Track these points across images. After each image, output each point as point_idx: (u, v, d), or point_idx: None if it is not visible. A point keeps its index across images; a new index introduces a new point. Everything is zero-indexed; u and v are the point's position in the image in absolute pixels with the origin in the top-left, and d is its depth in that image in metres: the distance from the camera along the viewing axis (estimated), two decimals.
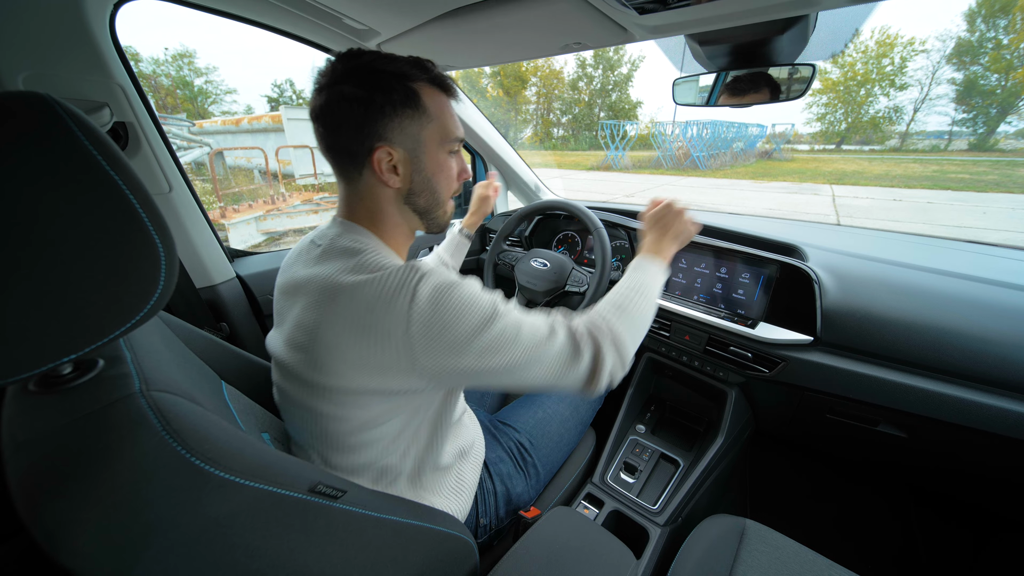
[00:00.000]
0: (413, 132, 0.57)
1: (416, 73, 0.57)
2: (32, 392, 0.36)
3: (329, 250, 0.58)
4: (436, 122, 0.59)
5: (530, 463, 0.88)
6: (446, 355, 0.50)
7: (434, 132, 0.59)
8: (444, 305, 0.50)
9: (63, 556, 0.29)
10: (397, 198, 0.61)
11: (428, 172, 0.60)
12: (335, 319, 0.50)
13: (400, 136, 0.57)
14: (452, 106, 0.62)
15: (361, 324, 0.49)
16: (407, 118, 0.56)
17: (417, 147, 0.58)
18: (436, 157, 0.61)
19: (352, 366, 0.50)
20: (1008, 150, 30.50)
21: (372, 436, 0.57)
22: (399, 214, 0.63)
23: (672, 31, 0.81)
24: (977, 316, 0.80)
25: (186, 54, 31.45)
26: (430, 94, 0.58)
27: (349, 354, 0.50)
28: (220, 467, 0.34)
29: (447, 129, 0.60)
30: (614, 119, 28.98)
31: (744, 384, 1.11)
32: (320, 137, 0.58)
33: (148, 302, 0.35)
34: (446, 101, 0.61)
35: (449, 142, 0.61)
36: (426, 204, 0.63)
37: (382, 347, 0.49)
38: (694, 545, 0.73)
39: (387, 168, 0.57)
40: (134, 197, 0.33)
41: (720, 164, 18.71)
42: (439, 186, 0.63)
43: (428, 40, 0.96)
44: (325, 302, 0.51)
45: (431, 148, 0.60)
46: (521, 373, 0.54)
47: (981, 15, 32.34)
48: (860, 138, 36.04)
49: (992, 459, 0.82)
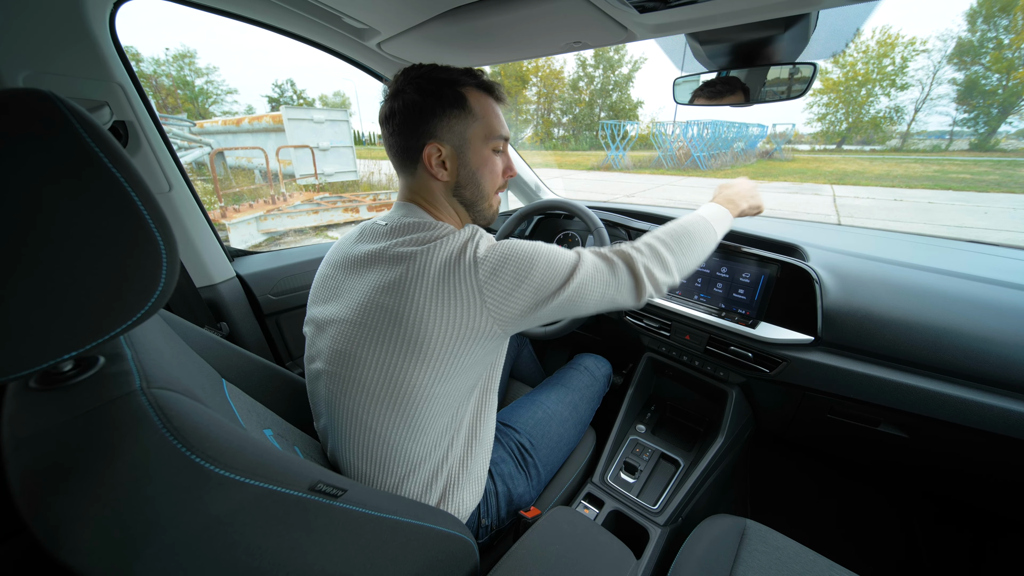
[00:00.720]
0: (460, 130, 0.64)
1: (465, 79, 0.64)
2: (33, 389, 0.35)
3: (397, 227, 0.65)
4: (481, 121, 0.65)
5: (531, 463, 0.88)
6: (506, 296, 0.58)
7: (479, 130, 0.65)
8: (500, 252, 0.59)
9: (63, 553, 0.29)
10: (446, 191, 0.68)
11: (473, 166, 0.66)
12: (417, 279, 0.57)
13: (448, 134, 0.63)
14: (497, 108, 0.68)
15: (438, 280, 0.57)
16: (455, 118, 0.63)
17: (463, 144, 0.65)
18: (481, 153, 0.66)
19: (434, 319, 0.56)
20: (1009, 150, 30.47)
21: (436, 408, 0.61)
22: (450, 206, 0.70)
23: (673, 30, 0.80)
24: (979, 316, 0.80)
25: (187, 54, 31.52)
26: (476, 97, 0.64)
27: (431, 309, 0.56)
28: (221, 465, 0.34)
29: (491, 127, 0.66)
30: (615, 119, 28.97)
31: (745, 384, 1.11)
32: (385, 139, 0.67)
33: (149, 300, 0.35)
34: (492, 103, 0.67)
35: (493, 139, 0.67)
36: (472, 196, 0.69)
37: (456, 296, 0.56)
38: (694, 545, 0.73)
39: (436, 163, 0.65)
40: (136, 194, 0.33)
41: (721, 164, 18.69)
42: (483, 180, 0.68)
43: (428, 39, 0.96)
44: (405, 264, 0.59)
45: (476, 145, 0.66)
46: (577, 302, 0.62)
47: (982, 15, 32.31)
48: (861, 138, 36.01)
49: (993, 459, 0.82)
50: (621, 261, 0.67)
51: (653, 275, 0.68)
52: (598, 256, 0.67)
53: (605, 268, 0.65)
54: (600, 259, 0.66)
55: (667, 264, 0.70)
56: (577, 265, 0.63)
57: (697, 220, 0.78)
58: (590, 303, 0.64)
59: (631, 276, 0.66)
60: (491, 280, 0.57)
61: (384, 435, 0.61)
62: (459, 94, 0.63)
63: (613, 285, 0.65)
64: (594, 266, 0.65)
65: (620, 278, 0.66)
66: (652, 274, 0.67)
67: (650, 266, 0.67)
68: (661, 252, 0.70)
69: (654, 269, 0.68)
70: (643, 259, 0.67)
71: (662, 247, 0.70)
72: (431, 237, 0.61)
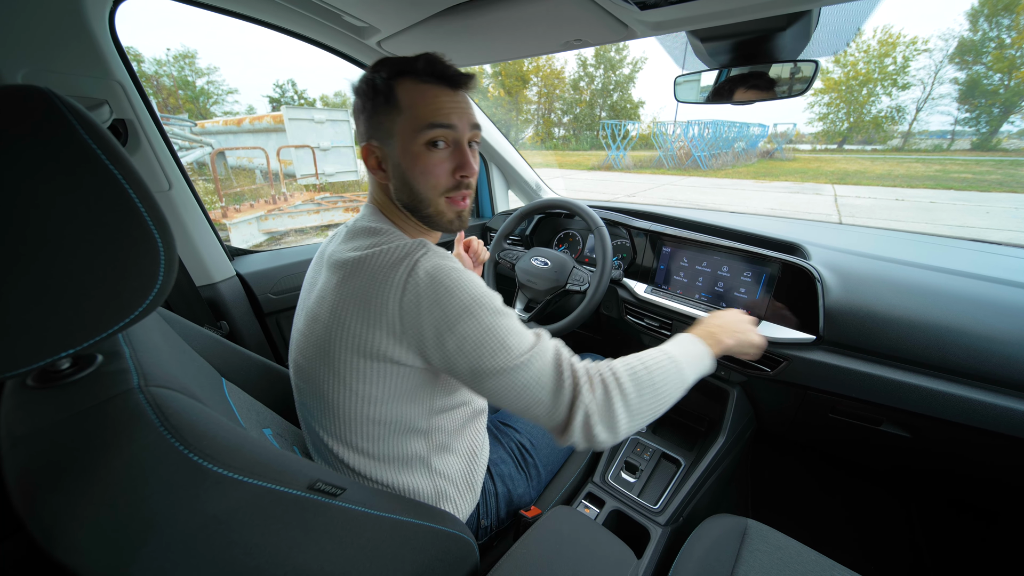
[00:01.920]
0: (387, 126, 0.58)
1: (405, 68, 0.57)
2: (30, 387, 0.35)
3: (353, 229, 0.63)
4: (407, 113, 0.57)
5: (531, 464, 0.88)
6: (430, 331, 0.50)
7: (405, 123, 0.57)
8: (440, 282, 0.51)
9: (59, 552, 0.29)
10: (392, 194, 0.63)
11: (403, 166, 0.59)
12: (345, 289, 0.53)
13: (379, 132, 0.59)
14: (440, 94, 0.58)
15: (365, 294, 0.52)
16: (383, 114, 0.58)
17: (390, 140, 0.59)
18: (408, 149, 0.58)
19: (355, 334, 0.52)
20: (1011, 150, 30.37)
21: (378, 414, 0.57)
22: (399, 211, 0.65)
23: (673, 27, 0.80)
24: (982, 314, 0.79)
25: (188, 55, 31.55)
26: (409, 86, 0.57)
27: (353, 323, 0.52)
28: (218, 463, 0.34)
29: (418, 117, 0.57)
30: (615, 119, 28.94)
31: (746, 383, 1.10)
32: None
33: (147, 297, 0.35)
34: (431, 90, 0.57)
35: (423, 131, 0.57)
36: (409, 200, 0.62)
37: (379, 315, 0.51)
38: (696, 545, 0.73)
39: (373, 164, 0.62)
40: (133, 191, 0.33)
41: (722, 164, 18.66)
42: (415, 181, 0.59)
43: (428, 37, 0.96)
44: (340, 273, 0.55)
45: (403, 140, 0.58)
46: (496, 379, 0.51)
47: (984, 14, 32.21)
48: (862, 138, 35.92)
49: (996, 459, 0.82)
50: (570, 391, 0.54)
51: (592, 431, 0.54)
52: (555, 365, 0.54)
53: (549, 385, 0.53)
54: (554, 371, 0.54)
55: (616, 424, 0.55)
56: (523, 359, 0.52)
57: (666, 362, 0.60)
58: (503, 403, 0.54)
59: (567, 415, 0.54)
60: (415, 308, 0.50)
61: (334, 449, 0.61)
62: (388, 87, 0.57)
63: (543, 409, 0.54)
64: (538, 374, 0.53)
65: (555, 408, 0.54)
66: (591, 430, 0.54)
67: (593, 420, 0.53)
68: (616, 408, 0.54)
69: (596, 426, 0.54)
70: (594, 407, 0.54)
71: (619, 401, 0.55)
72: (374, 244, 0.56)
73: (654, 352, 0.62)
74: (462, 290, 0.51)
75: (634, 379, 0.57)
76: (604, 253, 1.09)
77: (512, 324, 0.54)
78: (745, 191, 12.15)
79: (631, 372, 0.57)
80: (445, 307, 0.50)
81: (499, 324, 0.52)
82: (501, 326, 0.52)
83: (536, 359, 0.54)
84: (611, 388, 0.55)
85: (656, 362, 0.60)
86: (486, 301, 0.53)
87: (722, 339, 0.71)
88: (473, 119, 0.61)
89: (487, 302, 0.53)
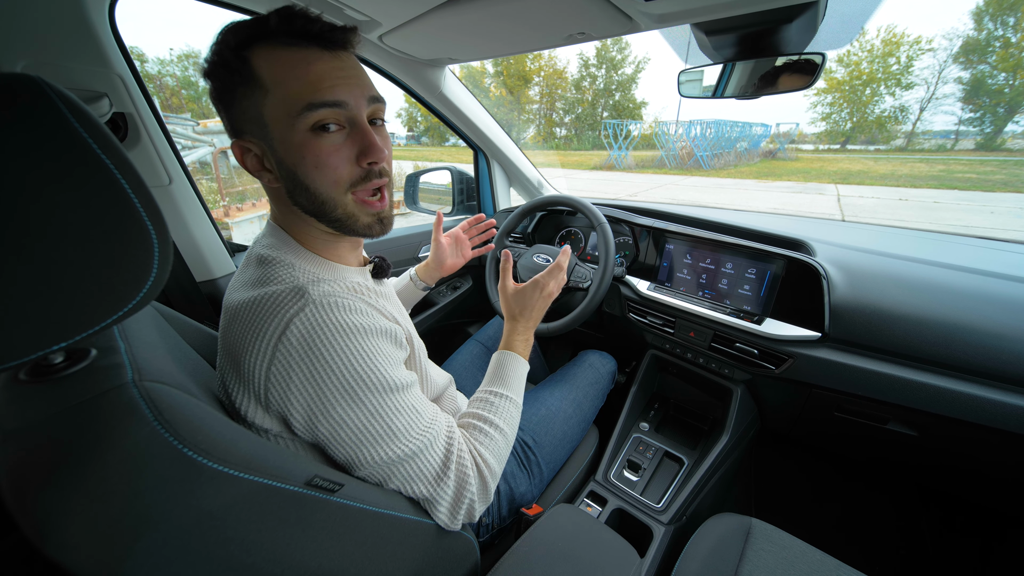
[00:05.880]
0: (254, 114, 0.46)
1: (250, 32, 0.44)
2: (23, 381, 0.35)
3: (248, 257, 0.54)
4: (275, 92, 0.44)
5: (534, 462, 0.87)
6: (300, 412, 0.44)
7: (276, 107, 0.45)
8: (316, 349, 0.42)
9: (51, 549, 0.28)
10: (289, 200, 0.51)
11: (288, 162, 0.47)
12: (224, 340, 0.47)
13: (249, 123, 0.47)
14: (308, 62, 0.45)
15: (236, 353, 0.45)
16: (245, 98, 0.45)
17: (265, 131, 0.46)
18: (288, 139, 0.46)
19: (235, 395, 0.47)
20: (1016, 149, 30.24)
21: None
22: (304, 223, 0.53)
23: (678, 19, 0.79)
24: (990, 311, 0.78)
25: (191, 54, 31.73)
26: (265, 55, 0.44)
27: (230, 381, 0.47)
28: (214, 458, 0.34)
29: (290, 96, 0.44)
30: (618, 119, 28.90)
31: (750, 381, 1.09)
32: None
33: (141, 290, 0.34)
34: (293, 58, 0.44)
35: (300, 114, 0.45)
36: (309, 204, 0.49)
37: (248, 380, 0.44)
38: (699, 544, 0.72)
39: (255, 167, 0.49)
40: (127, 183, 0.32)
41: (724, 164, 18.63)
42: (308, 176, 0.48)
43: (430, 31, 0.95)
44: (224, 320, 0.49)
45: (278, 129, 0.46)
46: (374, 469, 0.48)
47: (988, 13, 32.05)
48: (865, 138, 35.81)
49: (1006, 458, 0.81)
50: (454, 483, 0.53)
51: (474, 514, 0.55)
52: (444, 456, 0.52)
53: (433, 475, 0.51)
54: (442, 462, 0.52)
55: (489, 496, 0.57)
56: (411, 446, 0.48)
57: (513, 412, 0.66)
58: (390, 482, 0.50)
59: (450, 505, 0.53)
60: (284, 380, 0.43)
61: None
62: (241, 60, 0.44)
63: (422, 494, 0.51)
64: (426, 465, 0.50)
65: (437, 495, 0.52)
66: (473, 514, 0.55)
67: (476, 506, 0.55)
68: (490, 487, 0.57)
69: (476, 508, 0.55)
70: (478, 493, 0.55)
71: (491, 480, 0.57)
72: (257, 283, 0.48)
73: (503, 407, 0.65)
74: (343, 361, 0.43)
75: (497, 455, 0.60)
76: (607, 250, 1.08)
77: (403, 401, 0.47)
78: (747, 191, 12.13)
79: (495, 447, 0.60)
80: (320, 384, 0.42)
81: (386, 405, 0.45)
82: (388, 407, 0.46)
83: (427, 448, 0.50)
84: (485, 473, 0.56)
85: (507, 419, 0.64)
86: (374, 376, 0.44)
87: (530, 337, 0.78)
88: (369, 89, 0.49)
89: (375, 377, 0.45)
